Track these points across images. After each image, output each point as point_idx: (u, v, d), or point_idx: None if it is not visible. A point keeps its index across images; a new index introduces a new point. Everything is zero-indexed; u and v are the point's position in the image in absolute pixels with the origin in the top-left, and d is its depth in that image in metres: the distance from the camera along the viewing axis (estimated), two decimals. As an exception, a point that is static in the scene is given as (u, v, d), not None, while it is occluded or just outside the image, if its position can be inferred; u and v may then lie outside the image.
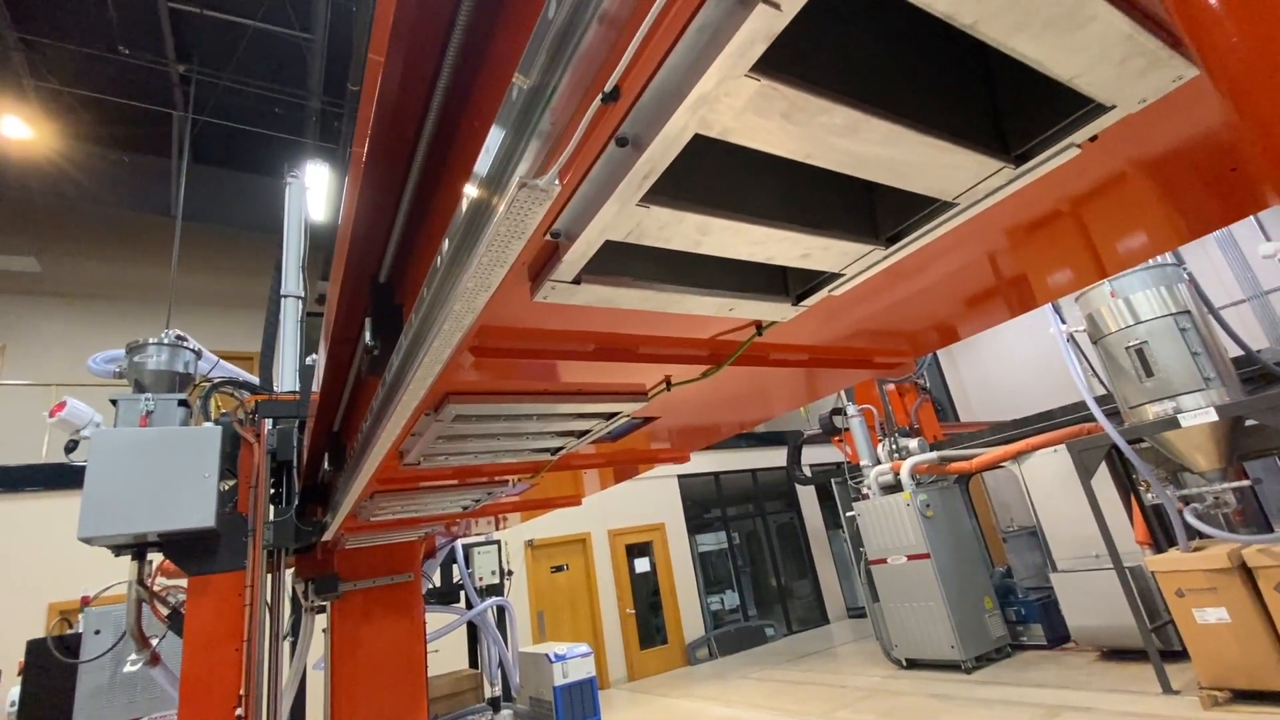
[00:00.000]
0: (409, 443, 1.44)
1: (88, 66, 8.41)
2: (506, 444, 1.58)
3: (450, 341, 0.87)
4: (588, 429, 1.60)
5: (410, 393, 1.05)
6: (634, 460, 2.39)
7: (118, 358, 3.32)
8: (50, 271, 10.00)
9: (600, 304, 0.89)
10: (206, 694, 2.65)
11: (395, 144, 0.89)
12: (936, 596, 7.41)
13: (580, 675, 5.56)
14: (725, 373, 1.40)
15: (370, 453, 1.46)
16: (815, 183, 0.90)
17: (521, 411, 1.33)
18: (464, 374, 1.11)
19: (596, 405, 1.39)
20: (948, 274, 1.19)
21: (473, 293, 0.73)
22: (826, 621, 12.75)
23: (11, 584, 6.96)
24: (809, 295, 1.06)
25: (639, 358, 1.19)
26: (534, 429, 1.48)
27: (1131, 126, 0.87)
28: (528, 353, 1.06)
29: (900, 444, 8.90)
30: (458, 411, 1.22)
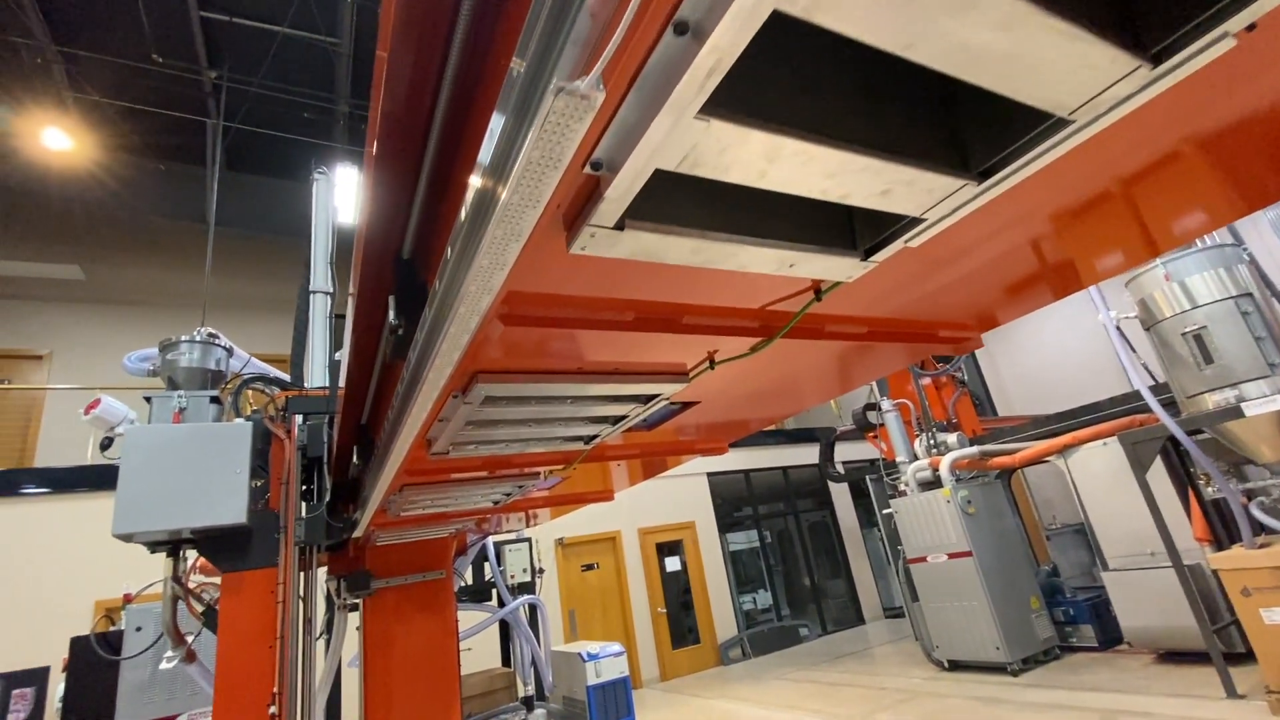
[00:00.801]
0: (436, 429, 1.37)
1: (124, 78, 8.62)
2: (538, 431, 1.49)
3: (477, 307, 0.78)
4: (623, 414, 1.50)
5: (436, 370, 0.97)
6: (669, 451, 2.27)
7: (151, 356, 3.34)
8: (93, 279, 10.31)
9: (644, 257, 0.79)
10: (241, 691, 2.62)
11: (415, 94, 0.81)
12: (980, 596, 7.15)
13: (613, 675, 5.47)
14: (773, 350, 1.28)
15: (397, 442, 1.38)
16: (895, 102, 0.78)
17: (554, 393, 1.23)
18: (493, 349, 1.02)
19: (633, 386, 1.29)
20: (1027, 227, 1.06)
21: (501, 244, 0.64)
22: (862, 622, 12.48)
23: (60, 582, 7.15)
24: (880, 248, 0.94)
25: (682, 329, 1.08)
26: (567, 414, 1.39)
27: (1192, 90, 0.75)
28: (561, 321, 0.96)
29: (938, 439, 8.63)
30: (487, 392, 1.14)
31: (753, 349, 1.24)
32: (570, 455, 1.94)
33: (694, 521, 11.60)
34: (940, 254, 1.08)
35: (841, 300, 1.19)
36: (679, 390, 1.37)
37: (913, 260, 1.06)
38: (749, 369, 1.46)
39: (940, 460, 7.86)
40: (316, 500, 3.00)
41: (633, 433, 1.88)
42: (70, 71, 8.35)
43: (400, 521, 2.68)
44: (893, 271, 1.09)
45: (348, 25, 8.35)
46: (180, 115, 9.18)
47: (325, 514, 2.93)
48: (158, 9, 7.69)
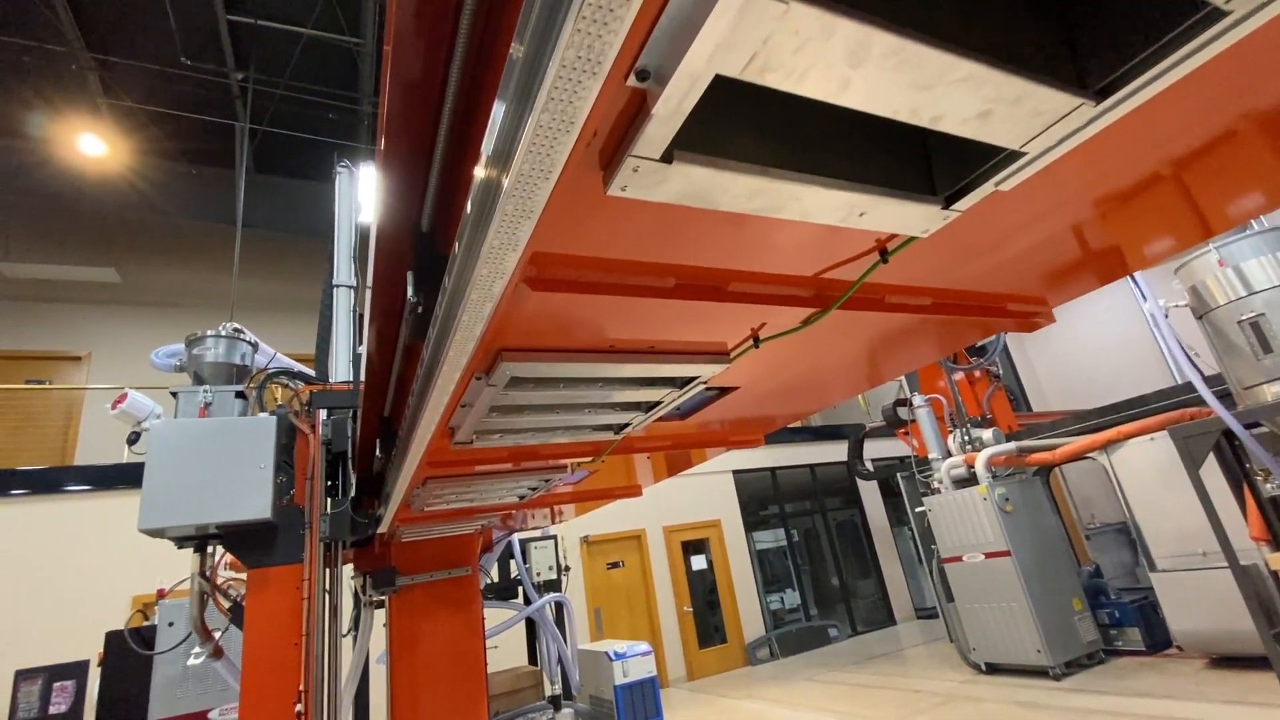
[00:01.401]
0: (459, 416, 1.28)
1: (155, 83, 8.78)
2: (565, 418, 1.40)
3: (501, 268, 0.69)
4: (657, 400, 1.40)
5: (458, 346, 0.89)
6: (702, 443, 2.16)
7: (178, 352, 3.34)
8: (128, 282, 10.54)
9: (694, 200, 0.69)
10: (267, 688, 2.59)
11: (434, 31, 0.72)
12: (1019, 596, 6.90)
13: (641, 674, 5.39)
14: (824, 326, 1.17)
15: (418, 430, 1.31)
16: (992, 6, 0.66)
17: (583, 374, 1.14)
18: (518, 321, 0.93)
19: (669, 367, 1.18)
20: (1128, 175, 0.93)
21: (529, 185, 0.55)
22: (893, 622, 12.22)
23: (100, 576, 7.31)
24: (965, 193, 0.82)
25: (728, 297, 0.97)
26: (596, 399, 1.30)
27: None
28: (593, 286, 0.87)
29: (973, 435, 8.37)
30: (512, 373, 1.05)
31: (805, 322, 1.12)
32: (599, 446, 1.84)
33: (719, 520, 11.46)
34: (1026, 204, 0.95)
35: (905, 264, 1.06)
36: (719, 373, 1.26)
37: (996, 210, 0.93)
38: (795, 350, 1.34)
39: (976, 457, 7.62)
40: (341, 496, 2.96)
41: (664, 422, 1.77)
42: (104, 78, 8.54)
43: (424, 517, 2.62)
44: (966, 230, 0.97)
45: (370, 25, 8.39)
46: (209, 119, 9.33)
47: (350, 509, 2.89)
48: (186, 14, 7.81)
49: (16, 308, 9.93)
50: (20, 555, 7.13)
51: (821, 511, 13.09)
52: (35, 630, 6.91)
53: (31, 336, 10.05)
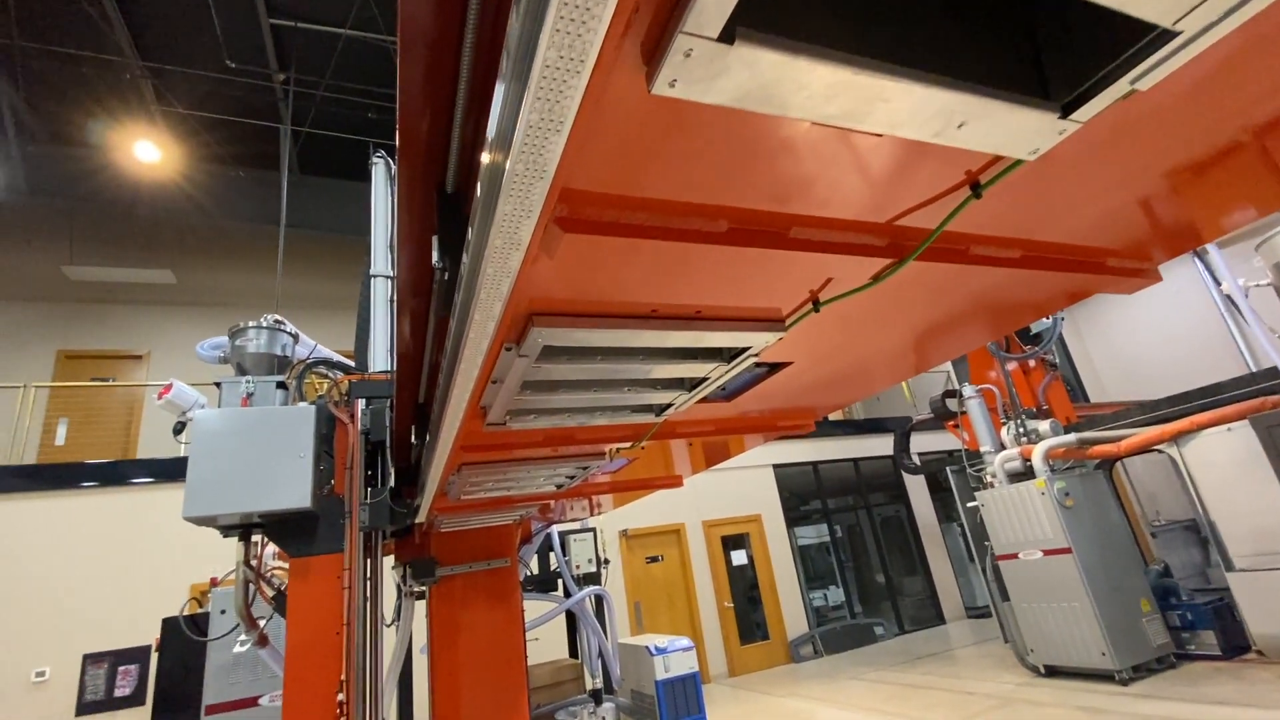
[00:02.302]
0: (490, 393, 1.20)
1: (204, 90, 9.07)
2: (603, 397, 1.31)
3: (528, 204, 0.60)
4: (702, 376, 1.30)
5: (484, 307, 0.80)
6: (749, 428, 2.03)
7: (222, 344, 3.39)
8: (183, 283, 10.95)
9: (757, 103, 0.56)
10: (309, 676, 2.59)
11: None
12: (1081, 596, 6.55)
13: (682, 670, 5.30)
14: (893, 288, 1.04)
15: (449, 410, 1.24)
16: None
17: (622, 343, 1.04)
18: (549, 277, 0.84)
19: (718, 335, 1.07)
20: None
21: (557, 81, 0.45)
22: (942, 621, 11.83)
23: (162, 565, 7.60)
24: (1091, 96, 0.65)
25: (789, 244, 0.84)
26: (636, 374, 1.20)
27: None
28: (634, 229, 0.76)
29: (1029, 427, 7.99)
30: (545, 340, 0.96)
31: (876, 277, 0.98)
32: (638, 430, 1.74)
33: (760, 514, 11.27)
34: (1159, 116, 0.79)
35: (994, 210, 0.92)
36: (771, 343, 1.15)
37: (1120, 134, 0.78)
38: (859, 316, 1.20)
39: (1033, 449, 7.25)
40: (380, 485, 2.95)
41: (708, 404, 1.66)
42: (156, 86, 8.85)
43: (462, 506, 2.58)
44: (1079, 160, 0.83)
45: (407, 23, 8.46)
46: (255, 123, 9.59)
47: (388, 499, 2.87)
48: (230, 20, 8.02)
49: (82, 310, 10.43)
50: (88, 544, 7.48)
51: (866, 507, 12.75)
52: (102, 616, 7.23)
53: (96, 336, 10.54)
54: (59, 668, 6.95)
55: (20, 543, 7.25)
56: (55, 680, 6.90)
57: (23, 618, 6.99)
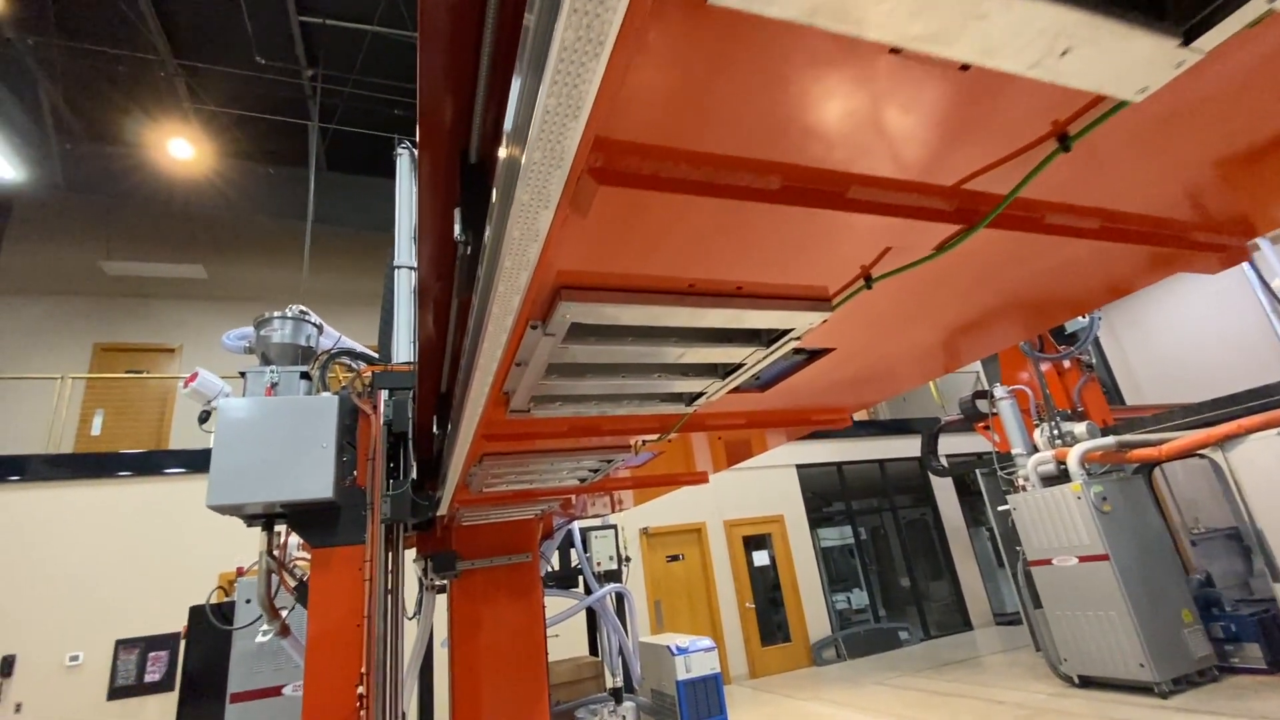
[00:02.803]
0: (514, 377, 1.14)
1: (235, 87, 9.21)
2: (632, 384, 1.24)
3: (559, 150, 0.54)
4: (738, 362, 1.22)
5: (509, 278, 0.74)
6: (782, 421, 1.93)
7: (248, 335, 3.40)
8: (214, 278, 11.15)
9: (828, 18, 0.46)
10: (330, 667, 2.58)
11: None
12: (1119, 605, 6.32)
13: (704, 671, 5.22)
14: (953, 263, 0.94)
15: (471, 395, 1.18)
16: None
17: (656, 321, 0.97)
18: (581, 245, 0.77)
19: (759, 314, 1.00)
20: None
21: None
22: (969, 627, 11.56)
23: (193, 554, 7.73)
24: (1218, 20, 0.54)
25: (846, 205, 0.76)
26: (668, 357, 1.12)
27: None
28: (677, 183, 0.68)
29: (1063, 429, 7.74)
30: (573, 317, 0.89)
31: (941, 246, 0.89)
32: (666, 421, 1.67)
33: (782, 515, 11.13)
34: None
35: (1063, 177, 0.83)
36: (816, 325, 1.06)
37: (1243, 68, 0.68)
38: (912, 295, 1.10)
39: (1068, 452, 7.02)
40: (402, 477, 2.93)
41: (740, 394, 1.58)
42: (190, 84, 9.02)
43: (484, 499, 2.54)
44: (1154, 120, 0.74)
45: (433, 19, 8.50)
46: (284, 120, 9.72)
47: (410, 491, 2.85)
48: (261, 18, 8.12)
49: (117, 304, 10.68)
50: (122, 532, 7.65)
51: (891, 509, 12.52)
52: (135, 602, 7.39)
53: (131, 330, 10.79)
54: (92, 652, 7.11)
55: (57, 530, 7.44)
56: (88, 664, 7.07)
57: (59, 603, 7.18)
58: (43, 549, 7.33)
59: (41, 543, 7.35)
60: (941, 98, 0.67)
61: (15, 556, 7.21)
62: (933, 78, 0.63)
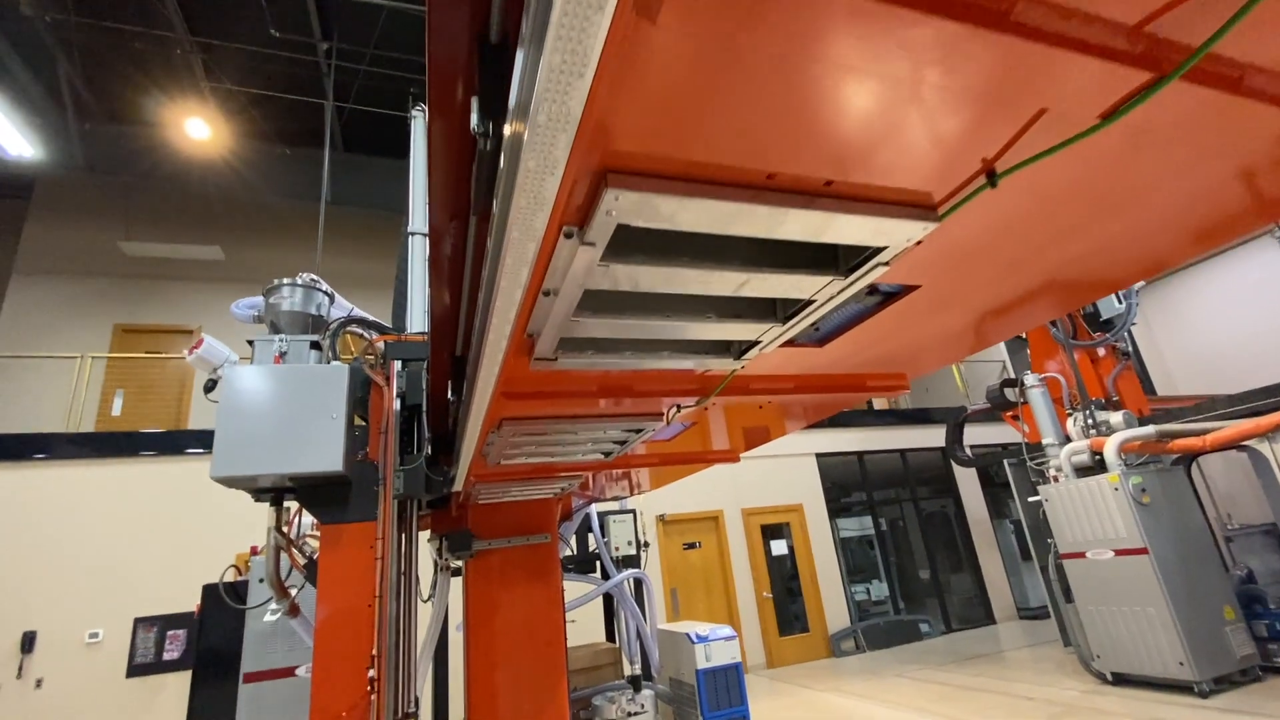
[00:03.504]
0: (540, 312, 0.96)
1: (252, 64, 9.11)
2: (677, 327, 1.05)
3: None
4: (807, 298, 1.02)
5: (540, 150, 0.56)
6: (836, 386, 1.70)
7: (257, 304, 3.27)
8: (231, 259, 11.13)
9: None
10: (339, 649, 2.45)
11: None
12: (1158, 600, 6.06)
13: (724, 660, 5.07)
14: (1113, 146, 0.74)
15: (489, 340, 1.02)
16: None
17: (723, 225, 0.74)
18: (632, 114, 0.59)
19: (849, 222, 0.78)
20: None
21: None
22: (992, 621, 11.31)
23: (212, 532, 7.73)
24: None
25: (1009, 28, 0.56)
26: (728, 287, 0.91)
27: None
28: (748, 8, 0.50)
29: (1099, 418, 7.44)
30: (620, 212, 0.69)
31: (1109, 114, 0.67)
32: (708, 382, 1.49)
33: (801, 504, 10.93)
34: None
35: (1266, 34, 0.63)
36: (916, 239, 0.86)
37: None
38: (1053, 197, 0.89)
39: (1105, 442, 6.74)
40: (416, 451, 2.79)
41: (794, 349, 1.39)
42: (206, 62, 8.93)
43: (501, 474, 2.39)
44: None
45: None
46: (300, 99, 9.62)
47: (424, 466, 2.71)
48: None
49: (137, 285, 10.70)
50: (143, 510, 7.66)
51: (913, 500, 12.26)
52: (154, 581, 7.41)
53: (150, 311, 10.80)
54: (112, 630, 7.15)
55: (79, 508, 7.46)
56: (108, 642, 7.10)
57: (80, 580, 7.21)
58: (64, 527, 7.36)
59: (63, 521, 7.38)
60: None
61: (37, 534, 7.25)
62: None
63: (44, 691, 6.77)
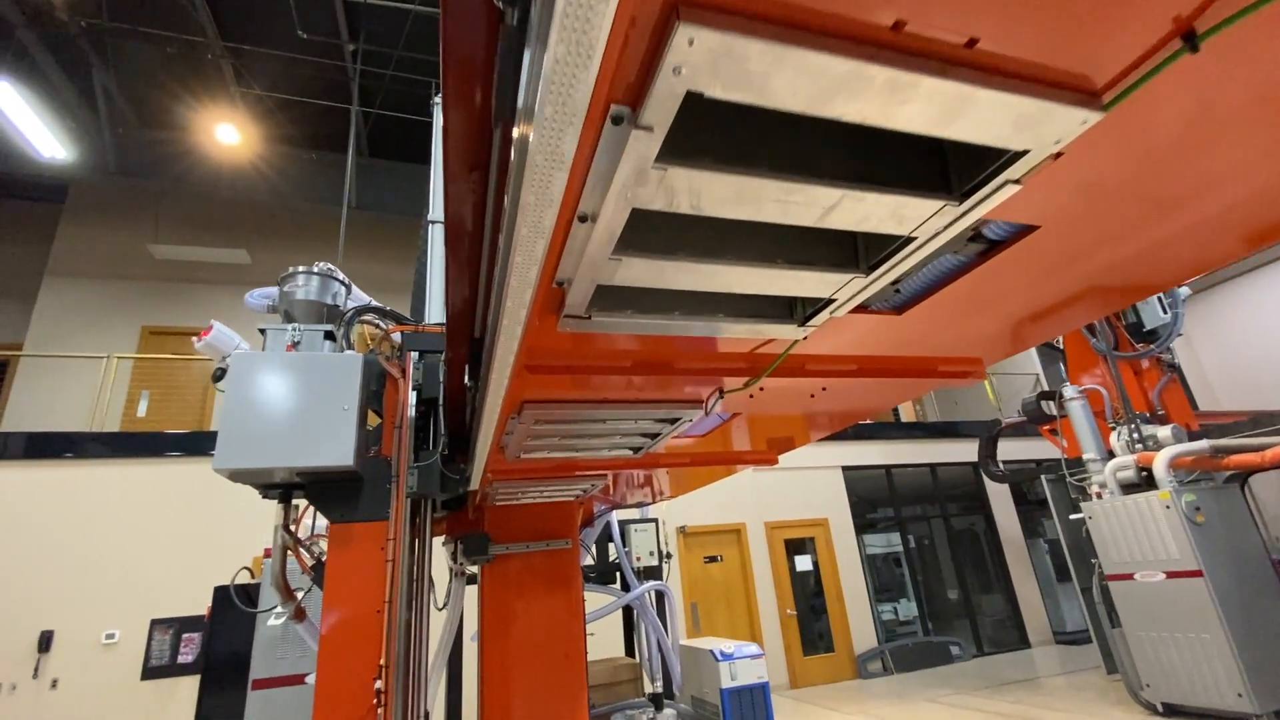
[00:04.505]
0: (574, 246, 0.79)
1: (281, 70, 9.20)
2: (739, 273, 0.86)
3: None
4: (906, 235, 0.80)
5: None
6: (907, 369, 1.44)
7: (272, 294, 3.16)
8: (257, 263, 11.21)
9: None
10: (345, 657, 2.29)
11: None
12: (1214, 627, 5.67)
13: (751, 679, 4.82)
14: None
15: (510, 289, 0.84)
16: None
17: (826, 94, 0.57)
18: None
19: (991, 102, 0.60)
20: None
21: None
22: (1026, 645, 10.82)
23: (231, 535, 7.66)
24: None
25: None
26: (816, 208, 0.71)
27: None
28: None
29: (1146, 432, 7.07)
30: (692, 68, 0.49)
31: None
32: (758, 361, 1.29)
33: (827, 518, 10.60)
34: None
35: None
36: (1068, 136, 0.64)
37: None
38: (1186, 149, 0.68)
39: (1154, 457, 6.38)
40: (431, 447, 2.63)
41: (863, 317, 1.18)
42: (236, 67, 9.03)
43: (520, 470, 2.23)
44: None
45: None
46: (327, 104, 9.68)
47: (439, 463, 2.55)
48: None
49: (165, 288, 10.82)
50: (163, 511, 7.64)
51: (943, 517, 11.84)
52: (171, 582, 7.36)
53: (177, 314, 10.91)
54: (128, 631, 7.09)
55: (99, 507, 7.46)
56: (124, 643, 7.05)
57: (97, 580, 7.18)
58: (85, 526, 7.35)
59: (84, 519, 7.38)
60: None
61: (58, 532, 7.25)
62: None
63: (59, 692, 6.72)
